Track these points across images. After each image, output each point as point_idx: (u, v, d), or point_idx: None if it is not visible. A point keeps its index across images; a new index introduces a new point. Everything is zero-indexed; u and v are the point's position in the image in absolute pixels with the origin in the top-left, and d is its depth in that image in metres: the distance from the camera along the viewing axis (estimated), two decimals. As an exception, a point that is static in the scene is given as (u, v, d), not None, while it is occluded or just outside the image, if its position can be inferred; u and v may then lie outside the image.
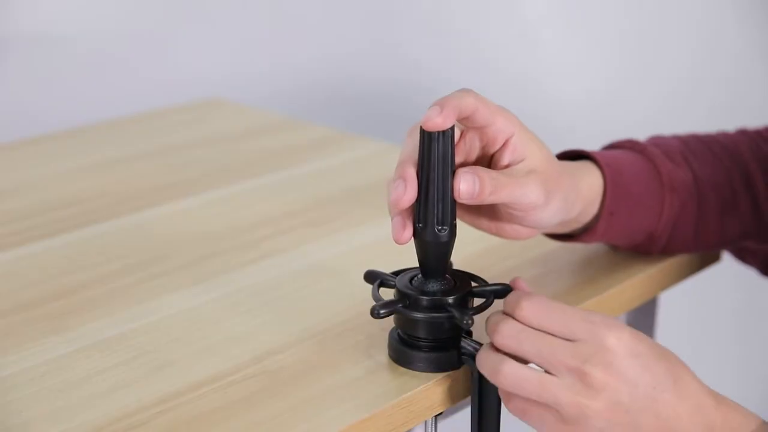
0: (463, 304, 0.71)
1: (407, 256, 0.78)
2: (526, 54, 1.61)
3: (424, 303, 0.70)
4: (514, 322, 0.67)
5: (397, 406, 0.69)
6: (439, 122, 0.67)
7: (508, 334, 0.67)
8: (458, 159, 0.72)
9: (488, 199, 0.69)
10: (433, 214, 0.69)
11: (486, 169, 0.70)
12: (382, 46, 1.70)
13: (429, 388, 0.71)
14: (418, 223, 0.69)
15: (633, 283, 0.88)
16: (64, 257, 0.91)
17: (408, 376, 0.72)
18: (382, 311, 0.70)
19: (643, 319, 1.01)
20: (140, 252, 0.92)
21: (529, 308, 0.67)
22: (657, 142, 0.89)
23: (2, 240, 0.95)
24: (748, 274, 1.58)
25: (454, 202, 0.69)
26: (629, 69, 1.62)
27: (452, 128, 0.68)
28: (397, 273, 0.75)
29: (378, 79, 1.70)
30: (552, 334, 0.66)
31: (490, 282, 0.75)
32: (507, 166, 0.73)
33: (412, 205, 0.69)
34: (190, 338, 0.77)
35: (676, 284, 0.94)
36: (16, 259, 0.91)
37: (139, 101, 1.39)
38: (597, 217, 0.82)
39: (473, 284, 0.74)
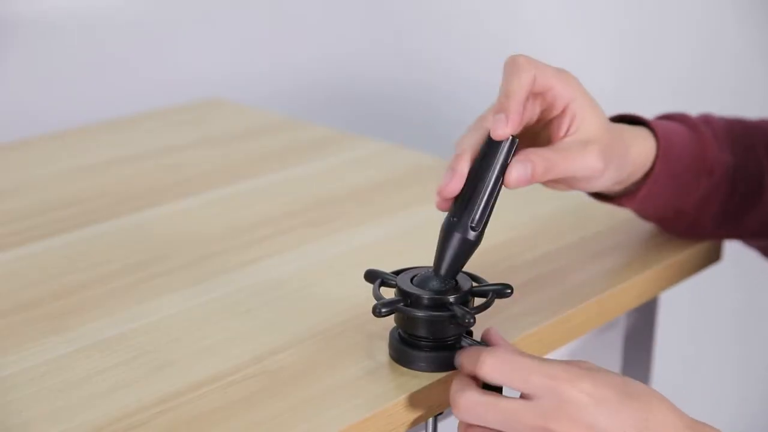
0: (464, 303, 0.71)
1: (407, 256, 0.78)
2: (527, 53, 1.61)
3: (426, 302, 0.70)
4: (470, 393, 0.66)
5: (397, 406, 0.69)
6: (506, 133, 0.69)
7: (465, 407, 0.66)
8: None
9: (542, 179, 0.71)
10: (470, 211, 0.70)
11: (538, 150, 0.72)
12: (382, 46, 1.69)
13: (429, 388, 0.71)
14: (453, 216, 0.70)
15: (633, 283, 0.88)
16: (64, 257, 0.91)
17: (408, 375, 0.72)
18: (383, 309, 0.70)
19: (643, 319, 1.01)
20: (140, 252, 0.92)
21: (491, 363, 0.66)
22: (708, 120, 0.89)
23: (2, 240, 0.95)
24: (748, 274, 1.57)
25: (492, 210, 0.71)
26: (629, 69, 1.62)
27: (515, 138, 0.70)
28: (397, 272, 0.75)
29: (378, 79, 1.70)
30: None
31: (489, 282, 0.75)
32: (565, 134, 0.74)
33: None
34: (190, 338, 0.77)
35: (676, 284, 0.94)
36: (16, 259, 0.91)
37: (139, 101, 1.39)
38: (639, 184, 0.83)
39: (473, 284, 0.74)
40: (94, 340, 0.77)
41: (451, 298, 0.70)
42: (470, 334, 0.73)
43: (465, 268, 0.75)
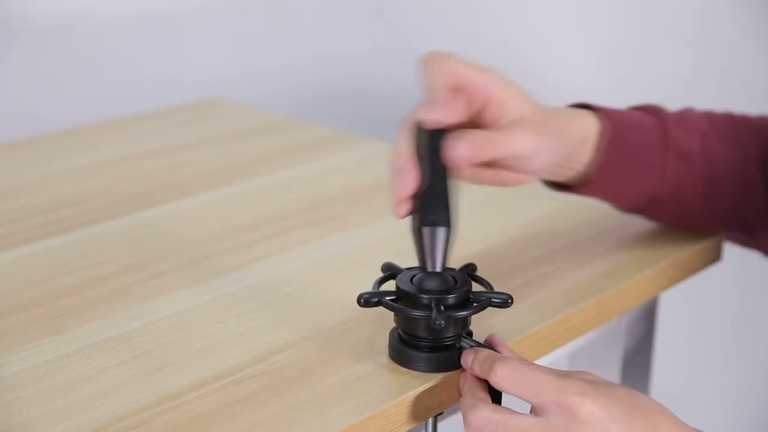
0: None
1: (407, 256, 0.78)
2: (528, 53, 1.61)
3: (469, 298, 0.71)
4: (482, 411, 0.66)
5: (397, 406, 0.69)
6: (439, 117, 0.72)
7: (477, 426, 0.66)
8: None
9: (482, 157, 0.72)
10: (437, 203, 0.70)
11: (473, 130, 0.73)
12: (382, 46, 1.70)
13: (429, 389, 0.71)
14: (421, 213, 0.70)
15: (633, 283, 0.88)
16: (64, 257, 0.91)
17: (408, 376, 0.72)
18: (441, 322, 0.69)
19: (643, 319, 1.01)
20: (140, 252, 0.92)
21: (503, 374, 0.66)
22: (679, 111, 0.89)
23: (2, 240, 0.95)
24: (748, 274, 1.57)
25: (451, 195, 0.71)
26: (629, 68, 1.62)
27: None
28: (382, 280, 0.75)
29: (378, 79, 1.70)
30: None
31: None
32: (494, 122, 0.75)
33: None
34: (190, 338, 0.77)
35: (676, 284, 0.94)
36: (16, 259, 0.91)
37: (140, 101, 1.39)
38: (592, 167, 0.83)
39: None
40: (94, 340, 0.77)
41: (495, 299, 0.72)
42: (470, 334, 0.73)
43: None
